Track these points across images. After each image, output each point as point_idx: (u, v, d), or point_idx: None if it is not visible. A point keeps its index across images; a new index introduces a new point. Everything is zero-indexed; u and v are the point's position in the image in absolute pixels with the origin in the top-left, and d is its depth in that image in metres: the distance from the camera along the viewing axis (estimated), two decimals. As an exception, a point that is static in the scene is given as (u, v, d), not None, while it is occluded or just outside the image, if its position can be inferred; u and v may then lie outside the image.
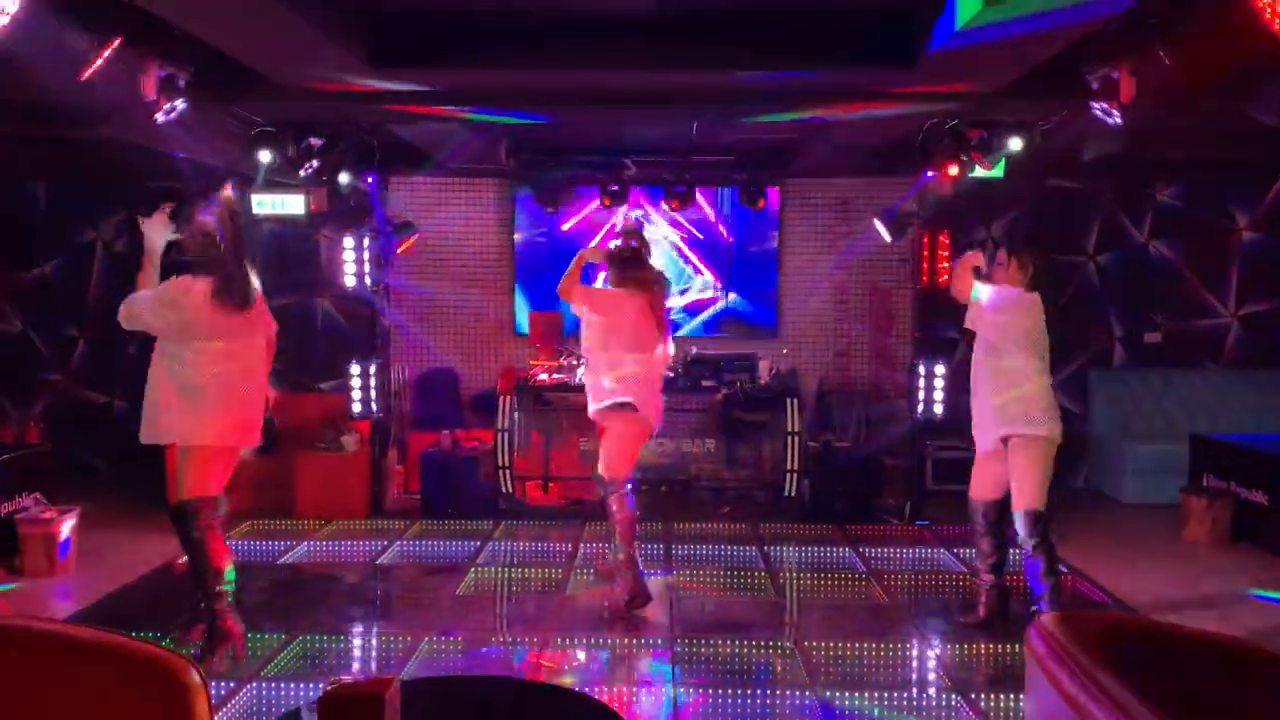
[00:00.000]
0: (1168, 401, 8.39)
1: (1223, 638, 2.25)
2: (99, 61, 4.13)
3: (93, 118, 5.50)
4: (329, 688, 1.87)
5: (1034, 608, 4.62)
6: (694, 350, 7.96)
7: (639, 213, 8.49)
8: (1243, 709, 2.08)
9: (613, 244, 5.54)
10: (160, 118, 4.75)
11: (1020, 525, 4.62)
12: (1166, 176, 8.59)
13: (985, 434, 4.82)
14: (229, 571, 4.33)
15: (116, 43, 4.16)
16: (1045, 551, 4.61)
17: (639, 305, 5.13)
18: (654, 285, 5.27)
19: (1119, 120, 4.78)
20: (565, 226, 8.74)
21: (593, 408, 5.25)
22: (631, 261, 5.26)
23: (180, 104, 4.77)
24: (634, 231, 5.59)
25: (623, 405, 5.11)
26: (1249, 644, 2.22)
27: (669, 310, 5.90)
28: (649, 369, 5.18)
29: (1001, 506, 4.86)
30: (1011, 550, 4.96)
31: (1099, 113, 4.88)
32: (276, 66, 5.05)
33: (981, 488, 4.92)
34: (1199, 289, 8.72)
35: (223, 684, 4.10)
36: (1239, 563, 6.22)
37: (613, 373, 5.10)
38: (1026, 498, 4.60)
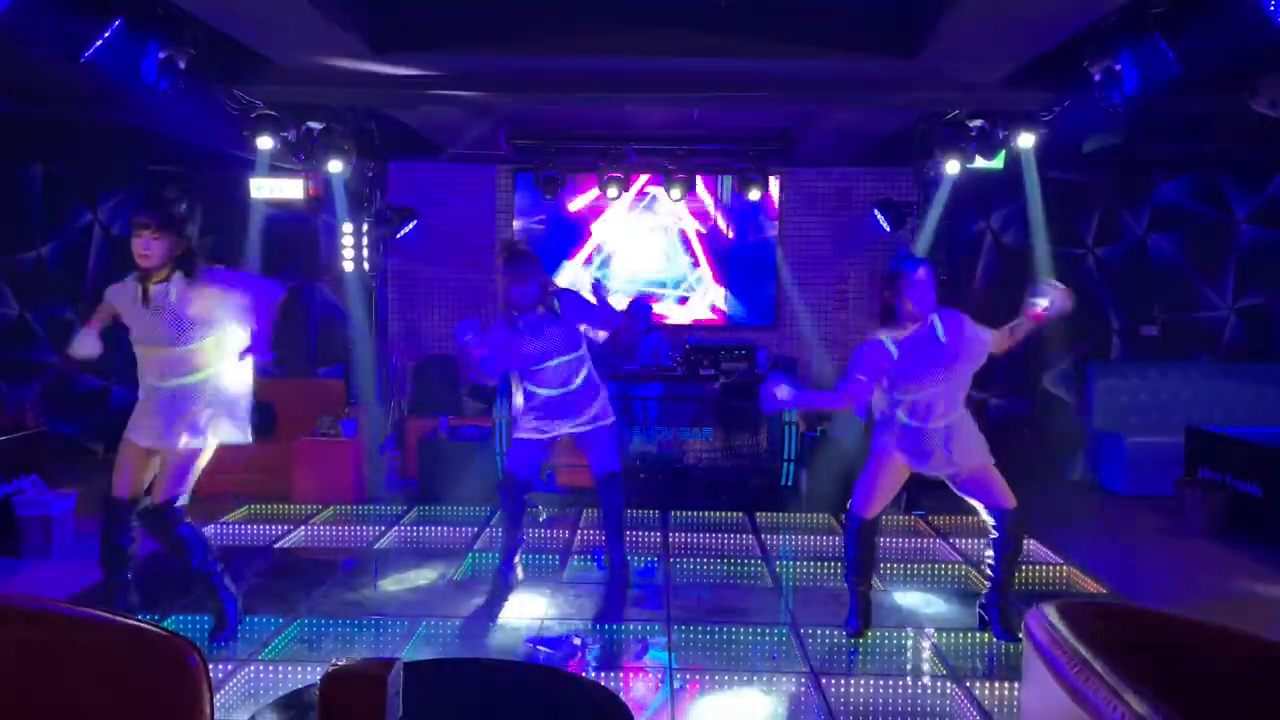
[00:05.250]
0: (1164, 394, 8.42)
1: (1221, 627, 2.26)
2: (99, 43, 4.11)
3: (92, 100, 5.49)
4: (331, 667, 1.88)
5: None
6: (692, 339, 7.98)
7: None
8: (1241, 697, 2.10)
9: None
10: (159, 100, 4.74)
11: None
12: (1166, 169, 8.60)
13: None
14: None
15: (116, 24, 4.14)
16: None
17: None
18: None
19: (1120, 112, 4.78)
20: (564, 213, 8.74)
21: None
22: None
23: (180, 86, 4.76)
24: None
25: None
26: (1246, 633, 2.23)
27: None
28: None
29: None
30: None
31: (1100, 104, 4.88)
32: (277, 49, 5.04)
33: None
34: (1197, 282, 8.74)
35: (220, 666, 4.11)
36: (1233, 555, 6.25)
37: None
38: None
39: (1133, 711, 1.71)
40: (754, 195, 8.20)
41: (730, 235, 8.80)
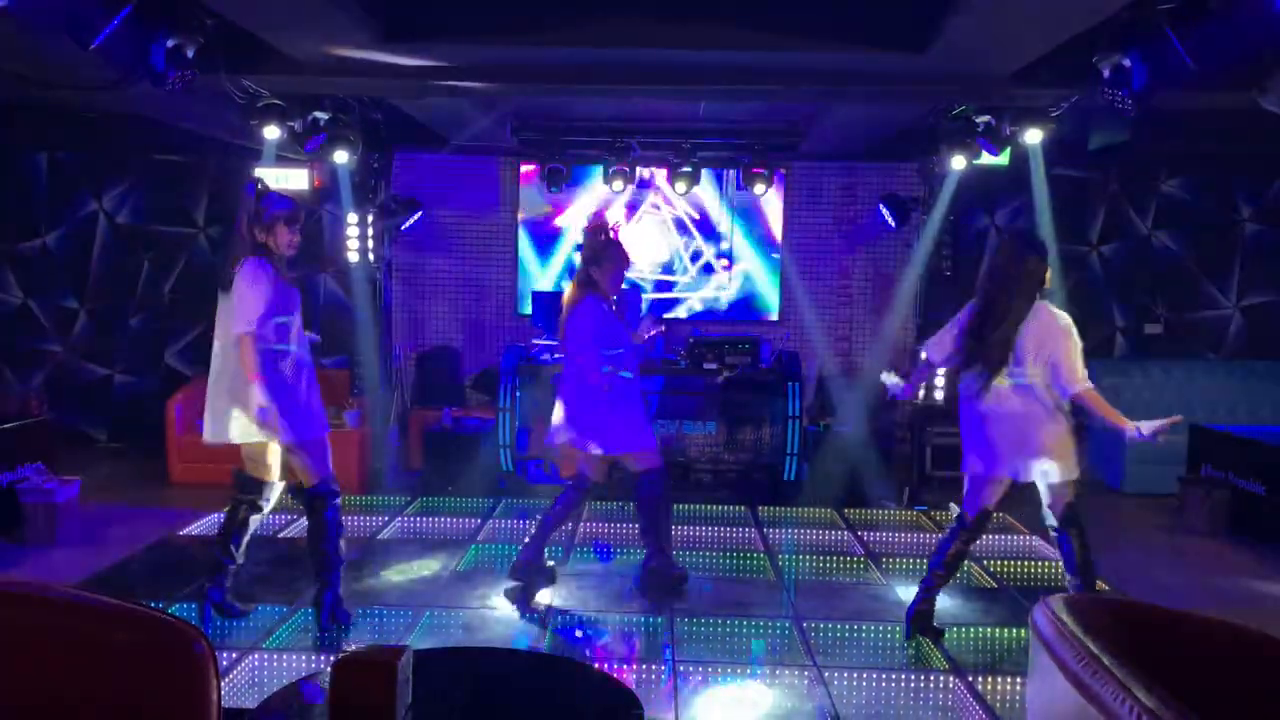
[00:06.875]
0: (1168, 392, 8.38)
1: (1229, 624, 2.26)
2: (108, 30, 4.11)
3: (98, 87, 5.48)
4: (342, 654, 1.88)
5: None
6: (696, 332, 7.97)
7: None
8: (1250, 694, 2.10)
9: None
10: (167, 89, 4.73)
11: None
12: (1172, 167, 8.58)
13: None
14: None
15: (126, 11, 4.14)
16: None
17: None
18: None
19: (1130, 108, 4.76)
20: (568, 206, 8.73)
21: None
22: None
23: (188, 75, 4.75)
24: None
25: None
26: (1255, 631, 2.23)
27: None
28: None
29: None
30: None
31: (1109, 101, 4.86)
32: (285, 38, 5.03)
33: None
34: (1201, 280, 8.73)
35: (224, 654, 4.12)
36: (1235, 553, 6.26)
37: None
38: None
39: (1142, 705, 1.71)
40: (759, 189, 8.18)
41: (735, 229, 8.79)
